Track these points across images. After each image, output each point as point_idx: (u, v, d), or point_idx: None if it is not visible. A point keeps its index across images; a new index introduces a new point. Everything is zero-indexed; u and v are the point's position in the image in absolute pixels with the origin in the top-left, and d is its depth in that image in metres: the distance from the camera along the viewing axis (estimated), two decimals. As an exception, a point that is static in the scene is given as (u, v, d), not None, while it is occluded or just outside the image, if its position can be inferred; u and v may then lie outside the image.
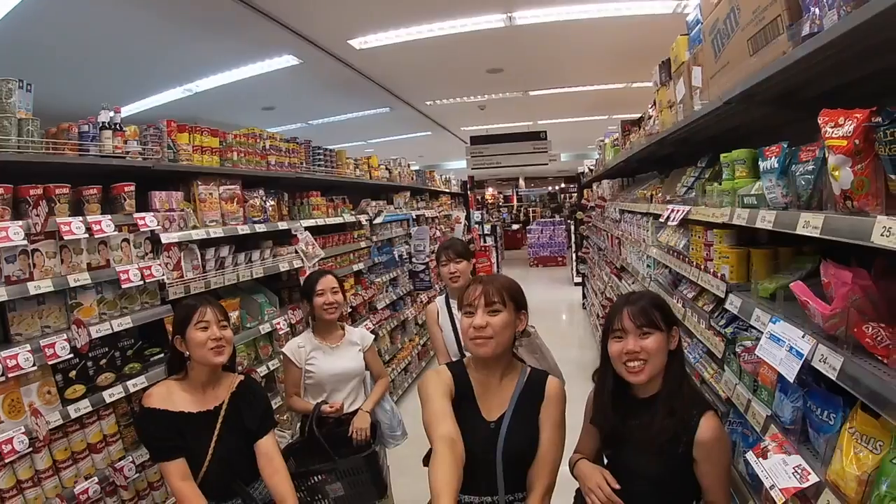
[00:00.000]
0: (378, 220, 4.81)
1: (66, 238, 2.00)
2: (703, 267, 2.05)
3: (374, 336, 2.83)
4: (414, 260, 5.66)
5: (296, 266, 3.44)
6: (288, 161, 3.47)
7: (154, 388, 1.82)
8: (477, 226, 10.49)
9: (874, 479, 0.91)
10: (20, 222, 1.85)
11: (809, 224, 1.14)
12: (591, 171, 7.67)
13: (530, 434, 1.51)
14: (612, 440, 1.56)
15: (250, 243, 3.19)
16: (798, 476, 1.09)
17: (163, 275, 2.43)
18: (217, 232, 2.80)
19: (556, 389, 1.56)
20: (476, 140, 8.35)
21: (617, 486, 1.44)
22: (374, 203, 4.82)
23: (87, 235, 2.07)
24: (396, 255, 5.17)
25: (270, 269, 3.20)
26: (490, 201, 22.04)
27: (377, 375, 2.76)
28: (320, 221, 3.80)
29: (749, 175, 1.66)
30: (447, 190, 8.71)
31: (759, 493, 1.43)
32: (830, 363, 1.06)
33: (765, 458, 1.22)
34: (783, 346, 1.25)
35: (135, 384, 2.24)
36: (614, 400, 1.56)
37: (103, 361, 2.20)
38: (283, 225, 3.35)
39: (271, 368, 3.14)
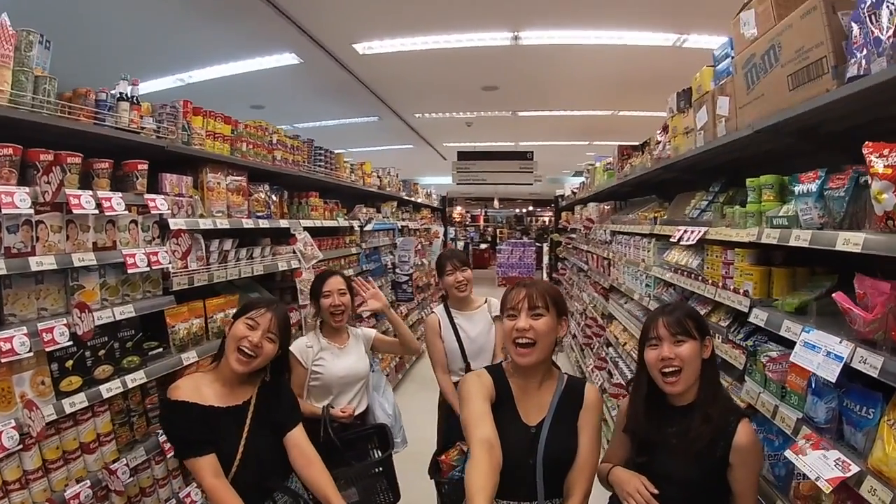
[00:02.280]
0: (368, 227, 4.91)
1: (74, 212, 1.94)
2: (720, 284, 2.28)
3: (374, 331, 2.92)
4: (397, 270, 5.77)
5: (293, 266, 3.49)
6: (292, 158, 3.55)
7: (181, 380, 1.82)
8: (451, 242, 10.70)
9: (917, 460, 1.12)
10: (27, 189, 1.76)
11: (850, 241, 1.36)
12: (574, 193, 8.06)
13: (570, 440, 1.62)
14: (647, 447, 1.70)
15: (248, 239, 3.24)
16: (840, 467, 1.29)
17: (169, 263, 2.43)
18: (223, 223, 2.84)
19: (594, 396, 1.69)
20: (464, 156, 8.67)
21: (655, 491, 1.58)
22: (364, 209, 4.93)
23: (96, 211, 2.03)
24: (384, 264, 5.27)
25: (270, 267, 3.25)
26: (457, 219, 22.55)
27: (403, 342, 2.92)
28: (317, 223, 3.88)
29: (776, 199, 1.91)
30: (429, 204, 8.90)
31: (786, 493, 1.62)
32: (871, 363, 1.27)
33: (804, 454, 1.41)
34: (819, 352, 1.46)
35: (133, 379, 2.20)
36: (650, 407, 1.71)
37: (102, 352, 2.14)
38: (284, 223, 3.41)
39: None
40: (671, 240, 2.89)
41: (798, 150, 2.01)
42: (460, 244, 11.98)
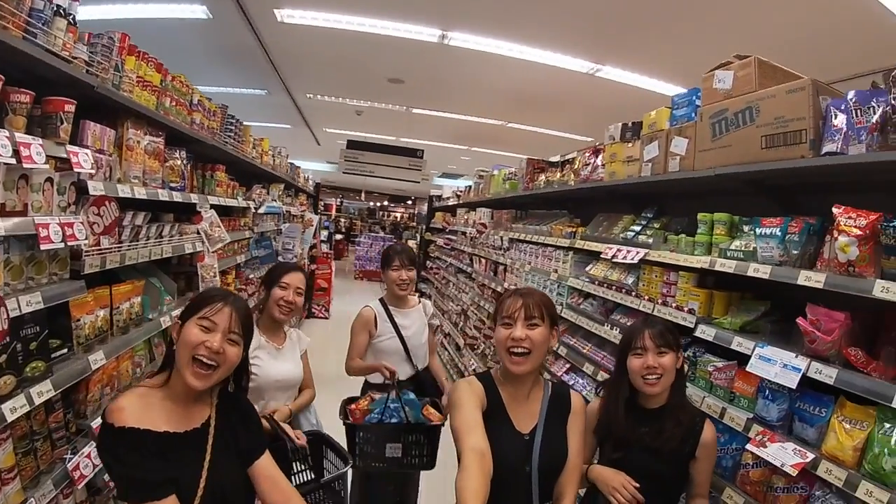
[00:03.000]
0: (261, 210, 4.63)
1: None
2: (660, 301, 2.76)
3: (308, 339, 2.87)
4: (280, 258, 5.50)
5: (197, 249, 3.18)
6: (207, 124, 3.24)
7: (124, 398, 1.48)
8: (318, 231, 10.45)
9: (864, 446, 1.59)
10: None
11: (811, 279, 1.83)
12: (458, 196, 8.52)
13: (561, 445, 1.80)
14: (622, 445, 2.04)
15: (153, 214, 2.89)
16: (799, 455, 1.74)
17: (84, 238, 2.07)
18: (141, 192, 2.53)
19: (580, 402, 1.93)
20: (354, 145, 8.55)
21: (637, 485, 1.91)
22: (259, 190, 4.63)
23: (13, 160, 1.65)
24: (275, 251, 5.00)
25: (178, 248, 2.96)
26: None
27: (305, 385, 2.81)
28: (221, 201, 3.58)
29: (726, 234, 2.41)
30: (306, 189, 8.59)
31: (734, 481, 2.09)
32: (826, 374, 1.74)
33: (764, 447, 1.86)
34: (775, 364, 1.93)
35: (40, 393, 1.81)
36: (626, 409, 2.06)
37: (2, 358, 1.70)
38: (194, 197, 3.11)
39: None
40: (602, 256, 3.35)
41: (734, 191, 2.55)
42: (324, 233, 11.72)
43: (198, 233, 3.25)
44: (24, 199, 1.85)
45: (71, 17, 1.97)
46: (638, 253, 2.95)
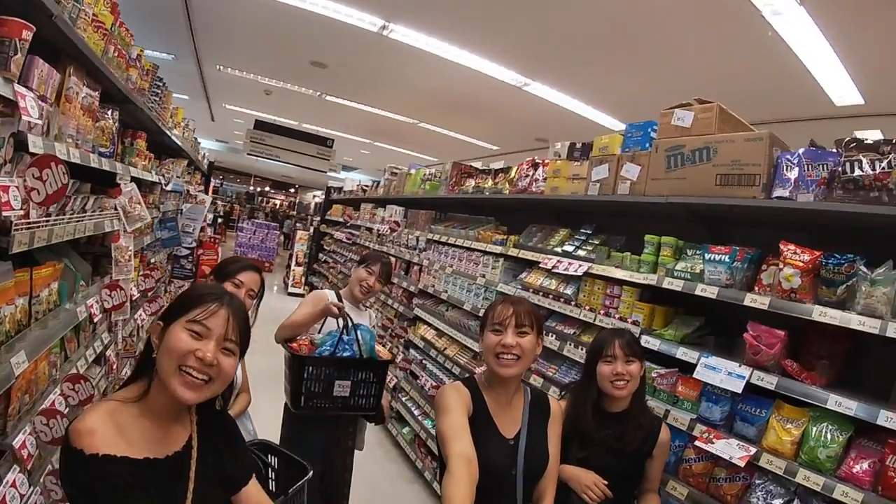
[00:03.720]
0: (169, 187, 4.21)
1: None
2: (601, 312, 3.06)
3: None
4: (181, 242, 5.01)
5: (115, 227, 2.82)
6: (140, 84, 2.90)
7: (91, 416, 1.23)
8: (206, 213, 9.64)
9: (800, 440, 1.96)
10: None
11: (757, 301, 2.20)
12: (363, 190, 8.42)
13: (544, 449, 1.90)
14: (587, 445, 2.26)
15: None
16: (743, 449, 2.09)
17: (21, 207, 1.72)
18: (74, 155, 2.19)
19: (557, 406, 2.09)
20: (262, 126, 8.02)
21: (606, 482, 2.14)
22: (170, 164, 4.20)
23: None
24: (179, 234, 4.57)
25: (99, 225, 2.61)
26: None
27: (241, 389, 2.69)
28: (139, 174, 3.20)
29: (672, 255, 2.76)
30: (201, 168, 7.86)
31: (677, 475, 2.41)
32: (768, 381, 2.11)
33: (711, 443, 2.19)
34: (720, 372, 2.28)
35: None
36: (593, 412, 2.29)
37: None
38: (120, 167, 2.76)
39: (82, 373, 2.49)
40: (541, 265, 3.60)
41: (672, 216, 2.94)
42: (210, 216, 10.81)
43: (115, 208, 2.87)
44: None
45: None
46: (581, 266, 3.23)
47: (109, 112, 2.64)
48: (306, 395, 2.47)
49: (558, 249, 3.59)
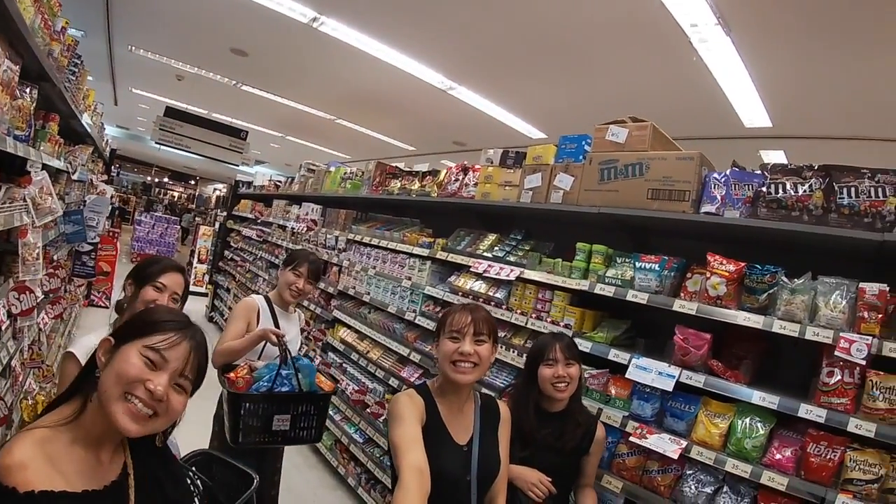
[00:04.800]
0: (76, 177, 3.65)
1: None
2: (533, 315, 3.10)
3: None
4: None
5: (24, 221, 2.39)
6: (61, 61, 2.48)
7: (20, 448, 1.08)
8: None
9: (727, 433, 2.10)
10: None
11: (685, 307, 2.34)
12: (276, 186, 7.92)
13: (496, 454, 1.90)
14: (528, 444, 2.27)
15: None
16: (675, 442, 2.19)
17: None
18: None
19: (507, 411, 2.08)
20: (172, 114, 7.22)
21: (550, 479, 2.16)
22: (78, 152, 3.63)
23: None
24: (89, 226, 3.97)
25: (9, 219, 2.19)
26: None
27: None
28: (50, 160, 2.73)
29: (602, 263, 2.85)
30: (104, 157, 6.93)
31: (611, 469, 2.49)
32: (696, 379, 2.24)
33: (644, 438, 2.28)
34: (651, 372, 2.38)
35: None
36: (534, 412, 2.31)
37: None
38: (34, 153, 2.34)
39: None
40: (471, 269, 3.58)
41: (601, 226, 3.06)
42: (109, 208, 9.62)
43: (24, 199, 2.42)
44: None
45: None
46: (513, 271, 3.26)
47: (28, 90, 2.25)
48: (244, 431, 2.30)
49: (488, 254, 3.59)
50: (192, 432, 2.40)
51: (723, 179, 2.32)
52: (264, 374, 2.39)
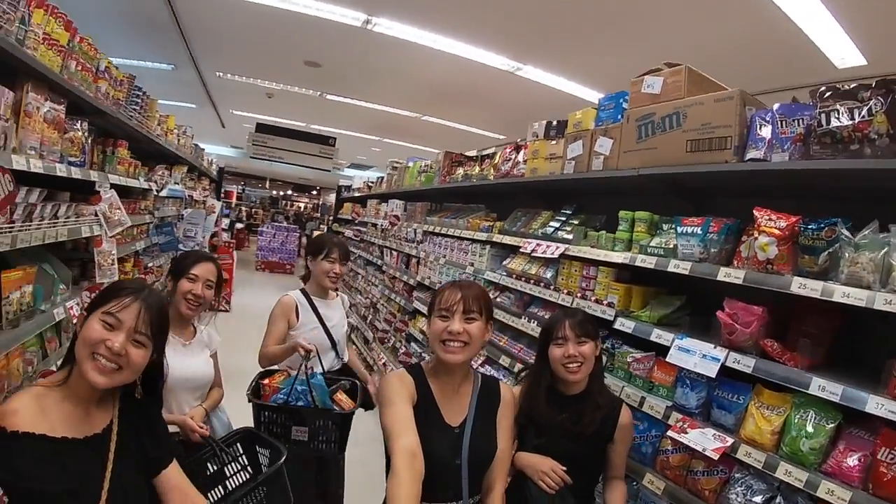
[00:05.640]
0: (164, 193, 4.08)
1: None
2: (578, 295, 2.77)
3: (219, 338, 2.58)
4: (181, 247, 4.91)
5: (95, 233, 2.71)
6: (113, 94, 2.77)
7: (16, 399, 1.29)
8: (220, 219, 9.60)
9: (781, 430, 1.65)
10: None
11: (731, 275, 1.89)
12: (369, 187, 8.21)
13: (491, 438, 1.74)
14: (543, 431, 2.00)
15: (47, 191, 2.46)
16: (719, 440, 1.78)
17: None
18: (37, 165, 2.17)
19: (509, 393, 1.89)
20: (264, 129, 7.89)
21: (564, 468, 1.88)
22: (162, 171, 4.07)
23: None
24: (176, 238, 4.44)
25: (74, 231, 2.53)
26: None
27: (214, 384, 2.51)
28: (121, 181, 3.08)
29: (646, 231, 2.45)
30: (209, 173, 7.80)
31: (653, 466, 2.12)
32: (744, 363, 1.80)
33: (685, 433, 1.89)
34: (694, 355, 1.97)
35: None
36: (548, 396, 2.03)
37: None
38: (94, 175, 2.64)
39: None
40: (522, 250, 3.32)
41: (652, 191, 2.62)
42: (226, 221, 10.82)
43: (95, 215, 2.77)
44: None
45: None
46: (558, 248, 2.94)
47: (79, 123, 2.56)
48: (269, 436, 2.31)
49: (539, 232, 3.31)
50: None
51: (768, 117, 1.83)
52: (284, 386, 2.42)
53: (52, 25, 2.19)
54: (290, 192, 23.21)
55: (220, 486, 2.05)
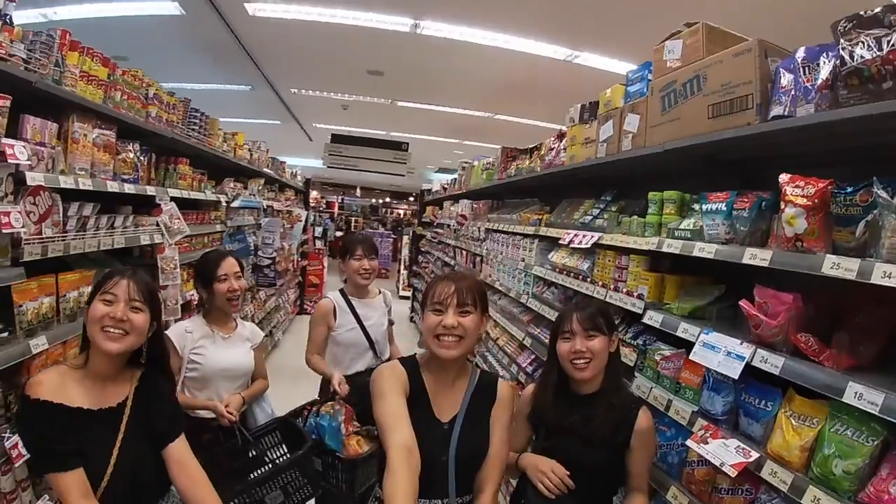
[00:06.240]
0: (235, 204, 4.41)
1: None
2: (612, 287, 2.48)
3: (262, 333, 2.66)
4: (260, 253, 5.28)
5: (156, 241, 2.98)
6: (166, 117, 3.06)
7: (42, 374, 1.50)
8: (311, 227, 10.21)
9: (814, 446, 1.32)
10: None
11: (757, 257, 1.55)
12: (444, 189, 8.23)
13: (482, 436, 1.62)
14: (553, 433, 1.79)
15: (107, 205, 2.76)
16: (742, 453, 1.47)
17: (22, 227, 1.96)
18: (86, 184, 2.41)
19: (507, 391, 1.72)
20: (337, 139, 8.28)
21: (567, 472, 1.67)
22: (232, 184, 4.40)
23: None
24: (249, 245, 4.77)
25: (132, 239, 2.79)
26: (312, 205, 21.76)
27: (258, 376, 2.59)
28: (184, 194, 3.37)
29: (676, 213, 2.13)
30: (293, 185, 8.34)
31: (679, 479, 1.82)
32: (772, 363, 1.46)
33: (705, 443, 1.59)
34: (719, 352, 1.65)
35: None
36: (557, 395, 1.81)
37: None
38: (151, 190, 2.93)
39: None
40: (560, 242, 3.08)
41: (693, 170, 2.27)
42: (318, 229, 11.51)
43: (157, 224, 3.06)
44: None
45: (7, 17, 1.91)
46: (592, 237, 2.68)
47: (131, 145, 2.83)
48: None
49: (579, 222, 3.04)
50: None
51: (790, 66, 1.48)
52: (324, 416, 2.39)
53: (88, 64, 2.41)
54: (387, 199, 24.09)
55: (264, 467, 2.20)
